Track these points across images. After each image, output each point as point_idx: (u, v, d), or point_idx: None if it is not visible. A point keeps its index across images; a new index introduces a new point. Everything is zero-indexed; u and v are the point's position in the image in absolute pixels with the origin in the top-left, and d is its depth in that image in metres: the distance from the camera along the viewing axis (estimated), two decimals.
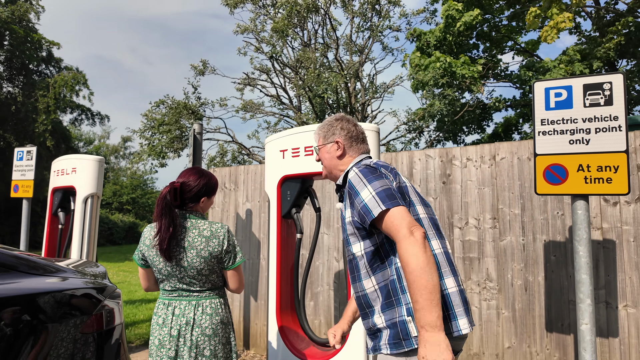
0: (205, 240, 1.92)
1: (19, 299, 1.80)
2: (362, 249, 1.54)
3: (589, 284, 2.26)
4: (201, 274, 1.94)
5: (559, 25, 5.35)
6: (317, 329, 4.04)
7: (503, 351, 3.20)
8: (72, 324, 1.94)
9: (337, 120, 1.83)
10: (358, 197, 1.50)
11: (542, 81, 2.42)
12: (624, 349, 2.84)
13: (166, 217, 1.90)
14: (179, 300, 1.97)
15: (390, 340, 1.43)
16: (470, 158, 3.41)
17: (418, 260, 1.31)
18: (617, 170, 2.20)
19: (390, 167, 1.62)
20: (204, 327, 1.93)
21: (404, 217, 1.39)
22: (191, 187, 1.99)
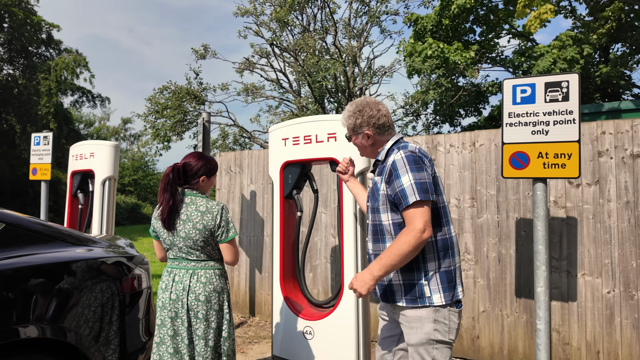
0: (201, 215, 2.16)
1: (74, 263, 2.20)
2: (389, 219, 1.84)
3: (544, 253, 2.66)
4: (197, 244, 2.17)
5: (541, 16, 5.61)
6: (316, 296, 4.48)
7: (478, 314, 3.65)
8: (114, 285, 2.36)
9: (360, 110, 1.96)
10: (398, 180, 1.76)
11: (510, 79, 2.77)
12: (581, 311, 3.28)
13: (167, 192, 2.16)
14: (179, 269, 2.21)
15: (407, 296, 1.83)
16: (453, 144, 3.78)
17: (410, 249, 1.71)
18: (570, 157, 2.58)
19: (429, 158, 1.88)
20: (198, 293, 2.15)
21: (425, 214, 1.72)
22: (192, 166, 2.25)
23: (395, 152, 1.85)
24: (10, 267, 1.98)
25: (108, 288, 2.36)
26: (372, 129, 1.94)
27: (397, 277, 1.85)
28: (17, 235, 2.16)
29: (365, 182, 3.08)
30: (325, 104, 11.38)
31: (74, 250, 2.35)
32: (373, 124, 1.93)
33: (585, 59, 9.15)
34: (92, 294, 2.24)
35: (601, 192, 3.24)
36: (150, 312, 2.69)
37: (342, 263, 2.99)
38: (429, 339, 1.79)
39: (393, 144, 1.95)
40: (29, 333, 1.94)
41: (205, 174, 2.28)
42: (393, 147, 1.93)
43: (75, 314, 2.13)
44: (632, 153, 3.15)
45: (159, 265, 8.98)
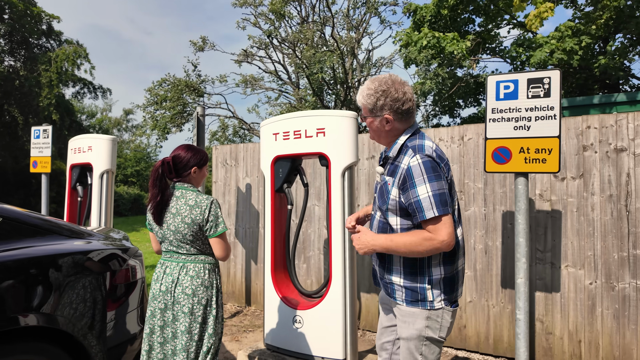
0: (189, 209, 2.16)
1: (68, 255, 2.30)
2: (398, 223, 1.76)
3: (524, 246, 2.74)
4: (186, 238, 2.18)
5: (542, 15, 5.60)
6: (309, 286, 4.59)
7: (465, 305, 3.75)
8: (108, 276, 2.46)
9: (384, 91, 1.73)
10: (414, 190, 1.63)
11: (494, 75, 2.83)
12: (564, 302, 3.37)
13: (156, 187, 2.17)
14: (170, 261, 2.24)
15: (408, 298, 1.79)
16: (442, 138, 3.84)
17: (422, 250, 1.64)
18: (551, 152, 2.64)
19: (446, 160, 1.75)
20: (185, 286, 2.16)
21: (446, 227, 1.61)
22: (181, 158, 2.24)
23: (410, 154, 1.69)
24: (9, 259, 2.08)
25: (103, 279, 2.46)
26: (393, 114, 1.73)
27: (399, 279, 1.81)
28: (15, 228, 2.26)
29: (352, 177, 3.15)
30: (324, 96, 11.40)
31: (71, 242, 2.45)
32: (397, 108, 1.72)
33: (584, 50, 9.11)
34: (88, 284, 2.35)
35: (585, 185, 3.31)
36: (144, 302, 2.79)
37: (330, 255, 3.09)
38: (420, 335, 1.79)
39: (407, 139, 1.76)
40: (27, 321, 2.05)
41: (196, 165, 2.26)
42: (407, 144, 1.75)
43: (71, 303, 2.23)
44: (616, 147, 3.21)
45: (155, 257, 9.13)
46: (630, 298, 3.14)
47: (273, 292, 3.35)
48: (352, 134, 3.07)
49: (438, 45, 7.56)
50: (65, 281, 2.24)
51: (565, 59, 8.50)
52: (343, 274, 3.05)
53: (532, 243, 3.47)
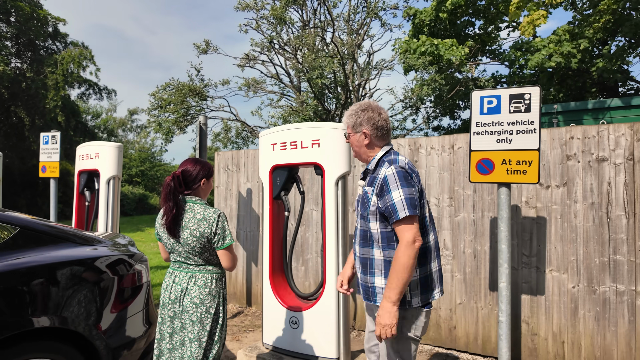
0: (198, 222, 2.24)
1: (79, 261, 2.49)
2: (378, 228, 2.00)
3: (506, 252, 2.91)
4: (194, 250, 2.27)
5: (535, 22, 5.72)
6: (307, 288, 4.77)
7: (455, 306, 3.91)
8: (116, 281, 2.65)
9: (363, 110, 2.07)
10: (389, 195, 1.91)
11: (479, 90, 2.99)
12: (548, 304, 3.53)
13: (170, 200, 2.25)
14: (179, 271, 2.34)
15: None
16: (433, 147, 4.01)
17: (409, 262, 1.87)
18: (531, 164, 2.80)
19: (416, 172, 2.03)
20: (193, 295, 2.26)
21: (414, 227, 1.89)
22: (190, 172, 2.33)
23: (386, 166, 1.98)
24: (26, 265, 2.27)
25: (112, 283, 2.65)
26: (370, 129, 2.06)
27: (381, 281, 2.01)
28: (30, 237, 2.45)
29: (345, 186, 3.33)
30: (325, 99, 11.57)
31: (82, 249, 2.64)
32: (372, 124, 2.05)
33: (581, 53, 9.23)
34: (97, 288, 2.54)
35: (569, 193, 3.46)
36: (149, 304, 2.98)
37: (325, 259, 3.26)
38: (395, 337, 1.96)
39: (383, 155, 2.07)
40: (41, 323, 2.24)
41: (205, 177, 2.36)
42: (383, 159, 2.04)
43: (82, 306, 2.42)
44: (598, 157, 3.36)
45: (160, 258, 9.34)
46: (611, 301, 3.30)
47: (271, 294, 3.53)
48: (345, 145, 3.24)
49: (436, 53, 7.71)
50: (77, 285, 2.43)
51: (563, 63, 8.62)
52: (336, 277, 3.22)
53: (518, 248, 3.63)
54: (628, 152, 3.26)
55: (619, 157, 3.29)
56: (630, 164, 3.25)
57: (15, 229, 2.41)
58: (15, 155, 19.44)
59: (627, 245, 3.25)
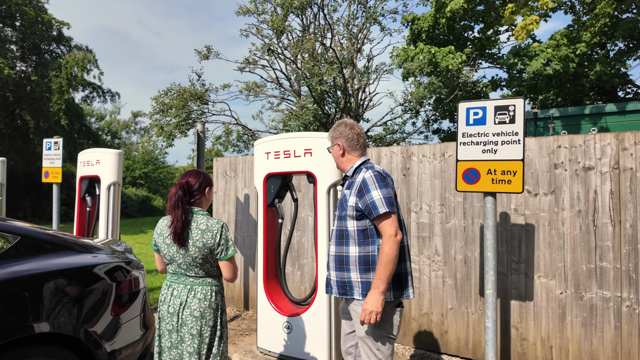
0: (201, 233, 2.23)
1: (80, 269, 2.60)
2: (354, 226, 2.24)
3: (492, 260, 2.98)
4: (196, 261, 2.25)
5: (527, 27, 5.79)
6: (303, 292, 4.86)
7: (446, 311, 3.99)
8: (113, 287, 2.75)
9: (338, 125, 2.42)
10: (369, 194, 2.16)
11: (465, 102, 3.07)
12: (537, 310, 3.60)
13: (179, 208, 2.24)
14: (177, 283, 2.31)
15: (363, 292, 2.20)
16: (425, 155, 4.09)
17: (393, 253, 2.10)
18: (515, 174, 2.88)
19: (391, 178, 2.31)
20: (193, 309, 2.23)
21: (394, 222, 2.14)
22: (193, 183, 2.36)
23: (364, 171, 2.25)
24: (27, 273, 2.37)
25: (109, 289, 2.75)
26: (343, 141, 2.37)
27: (357, 276, 2.24)
28: (32, 245, 2.56)
29: (337, 194, 3.41)
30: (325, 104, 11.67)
31: (81, 257, 2.74)
32: (344, 137, 2.37)
33: (579, 57, 9.27)
34: (96, 294, 2.63)
35: (556, 201, 3.54)
36: (146, 309, 3.08)
37: (317, 265, 3.35)
38: (374, 333, 2.19)
39: (361, 164, 2.34)
40: (42, 328, 2.34)
41: (207, 186, 2.40)
42: (361, 167, 2.32)
43: (80, 312, 2.52)
44: (584, 166, 3.44)
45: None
46: (597, 307, 3.36)
47: (265, 300, 3.62)
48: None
49: (434, 60, 7.80)
50: (75, 292, 2.53)
51: (560, 69, 8.67)
52: None
53: (507, 254, 3.70)
54: (614, 161, 3.33)
55: (604, 166, 3.36)
56: (616, 172, 3.33)
57: (16, 237, 2.51)
58: (19, 157, 19.66)
59: (612, 253, 3.32)
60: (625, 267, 3.27)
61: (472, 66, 10.06)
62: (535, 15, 5.97)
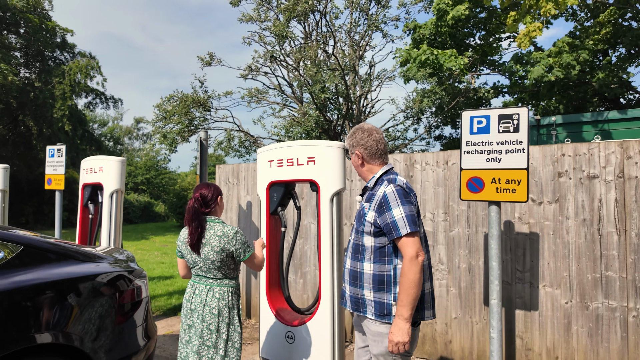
0: (218, 238, 2.50)
1: (82, 278, 2.58)
2: (372, 242, 2.09)
3: (497, 269, 2.96)
4: (214, 264, 2.52)
5: (530, 34, 5.80)
6: (306, 301, 4.83)
7: (451, 321, 3.95)
8: (116, 296, 2.74)
9: (355, 131, 2.23)
10: (390, 212, 2.00)
11: (468, 111, 3.06)
12: (542, 320, 3.57)
13: (196, 220, 2.52)
14: (199, 284, 2.59)
15: (376, 312, 2.08)
16: (428, 163, 4.08)
17: (416, 277, 1.95)
18: (520, 183, 2.86)
19: (414, 192, 2.13)
20: (212, 307, 2.51)
21: (416, 242, 1.98)
22: (207, 194, 2.62)
23: (385, 185, 2.08)
24: (29, 283, 2.36)
25: (112, 298, 2.73)
26: (361, 150, 2.20)
27: (370, 294, 2.10)
28: (34, 255, 2.55)
29: (340, 202, 3.40)
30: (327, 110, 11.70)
31: (84, 266, 2.73)
32: (362, 145, 2.20)
33: (581, 64, 9.28)
34: (98, 304, 2.62)
35: (561, 210, 3.51)
36: (148, 318, 3.06)
37: (320, 274, 3.33)
38: (388, 351, 2.06)
39: (382, 174, 2.17)
40: (43, 339, 2.32)
41: (219, 195, 2.67)
42: (383, 178, 2.15)
43: (82, 322, 2.51)
44: (589, 174, 3.42)
45: (162, 267, 9.42)
46: (603, 317, 3.33)
47: (267, 309, 3.60)
48: (340, 162, 3.32)
49: (436, 62, 7.80)
50: (77, 301, 2.52)
51: (562, 76, 8.67)
52: (331, 292, 3.28)
53: (512, 263, 3.67)
54: (618, 170, 3.32)
55: (609, 175, 3.34)
56: (621, 181, 3.31)
57: (19, 247, 2.51)
58: (22, 163, 19.72)
59: (618, 262, 3.29)
60: (632, 277, 3.24)
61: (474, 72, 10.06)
62: (538, 22, 5.98)
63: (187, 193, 20.65)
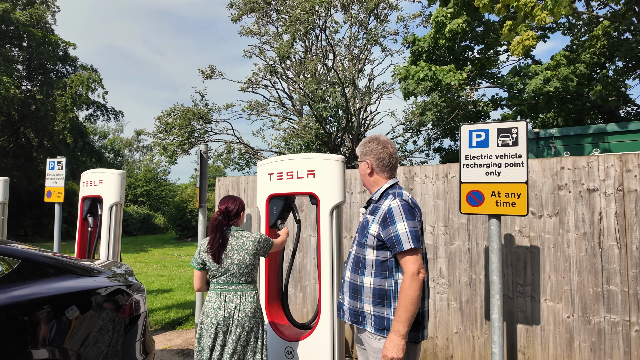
0: (251, 243, 2.77)
1: (81, 293, 2.56)
2: (374, 255, 2.09)
3: (498, 283, 2.94)
4: (249, 268, 2.74)
5: (524, 42, 5.87)
6: (305, 315, 4.79)
7: (452, 335, 3.91)
8: (112, 311, 2.71)
9: (369, 141, 2.24)
10: (394, 226, 1.99)
11: (467, 125, 3.08)
12: (544, 334, 3.53)
13: (218, 231, 2.73)
14: (228, 291, 2.73)
15: (376, 326, 2.06)
16: (428, 175, 4.08)
17: (415, 294, 1.94)
18: (519, 196, 2.86)
19: (419, 208, 2.13)
20: (247, 310, 2.71)
21: (418, 260, 1.97)
22: (232, 208, 2.83)
23: (390, 198, 2.07)
24: (27, 298, 2.34)
25: (110, 313, 2.71)
26: (373, 159, 2.21)
27: (370, 308, 2.08)
28: (32, 269, 2.53)
29: (340, 215, 3.40)
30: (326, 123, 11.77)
31: (82, 280, 2.71)
32: (375, 155, 2.20)
33: (578, 77, 9.36)
34: (95, 319, 2.59)
35: (561, 223, 3.51)
36: (146, 334, 3.03)
37: (319, 288, 3.31)
38: None
39: (388, 188, 2.16)
40: (40, 355, 2.30)
41: (242, 210, 2.88)
42: (388, 192, 2.14)
43: (80, 337, 2.48)
44: (588, 188, 3.42)
45: (161, 280, 9.35)
46: (606, 332, 3.30)
47: (267, 324, 3.55)
48: (340, 176, 3.33)
49: (435, 78, 7.88)
50: (75, 316, 2.49)
51: (560, 88, 8.74)
52: (331, 307, 3.25)
53: (513, 277, 3.65)
54: (618, 183, 3.32)
55: (609, 188, 3.35)
56: (621, 194, 3.31)
57: (17, 261, 2.49)
58: (22, 175, 19.73)
59: (620, 276, 3.27)
60: (633, 291, 3.22)
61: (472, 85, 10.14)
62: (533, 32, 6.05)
63: (187, 205, 20.61)
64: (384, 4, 12.08)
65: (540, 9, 5.61)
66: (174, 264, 11.92)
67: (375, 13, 12.17)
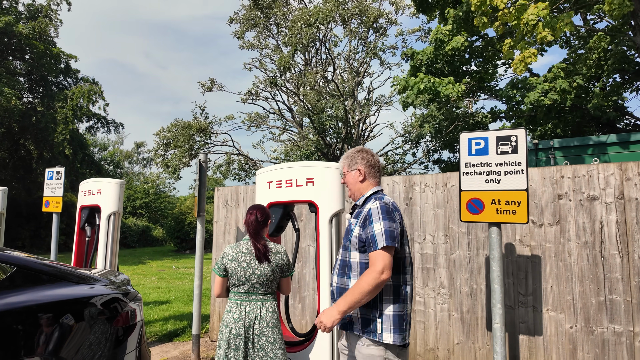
0: (274, 255, 2.77)
1: (76, 301, 2.53)
2: (358, 258, 2.16)
3: (499, 292, 2.91)
4: (268, 279, 2.74)
5: (526, 60, 5.93)
6: (304, 326, 4.72)
7: (453, 346, 3.85)
8: (108, 320, 2.67)
9: (358, 151, 2.36)
10: (371, 226, 2.08)
11: (466, 132, 3.08)
12: (546, 345, 3.48)
13: (258, 235, 2.78)
14: (248, 301, 2.72)
15: (363, 327, 2.11)
16: (427, 185, 4.07)
17: (369, 289, 2.00)
18: (520, 204, 2.85)
19: (399, 212, 2.19)
20: (268, 320, 2.71)
21: (387, 258, 2.01)
22: (260, 217, 2.83)
23: (372, 202, 2.17)
24: (21, 305, 2.30)
25: (105, 322, 2.66)
26: (364, 166, 2.31)
27: (356, 311, 2.15)
28: (28, 276, 2.50)
29: (339, 223, 3.37)
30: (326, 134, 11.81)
31: (78, 288, 2.67)
32: (366, 162, 2.31)
33: (576, 90, 9.43)
34: (91, 328, 2.55)
35: (562, 232, 3.48)
36: (142, 343, 2.98)
37: (319, 297, 3.26)
38: None
39: (372, 194, 2.26)
40: None
41: (269, 219, 2.91)
42: (371, 197, 2.24)
43: (74, 345, 2.43)
44: (589, 196, 3.41)
45: (159, 291, 9.26)
46: (609, 342, 3.25)
47: None
48: (339, 183, 3.31)
49: (434, 90, 7.94)
50: (70, 324, 2.45)
51: (558, 100, 8.80)
52: None
53: (514, 287, 3.61)
54: (618, 192, 3.31)
55: (609, 196, 3.33)
56: (621, 203, 3.29)
57: (12, 268, 2.46)
58: (21, 187, 19.70)
59: (622, 285, 3.24)
60: (637, 300, 3.18)
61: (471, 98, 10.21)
62: (533, 48, 6.12)
63: (186, 217, 20.53)
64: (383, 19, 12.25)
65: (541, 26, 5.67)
66: (172, 276, 11.81)
67: (374, 27, 12.33)
